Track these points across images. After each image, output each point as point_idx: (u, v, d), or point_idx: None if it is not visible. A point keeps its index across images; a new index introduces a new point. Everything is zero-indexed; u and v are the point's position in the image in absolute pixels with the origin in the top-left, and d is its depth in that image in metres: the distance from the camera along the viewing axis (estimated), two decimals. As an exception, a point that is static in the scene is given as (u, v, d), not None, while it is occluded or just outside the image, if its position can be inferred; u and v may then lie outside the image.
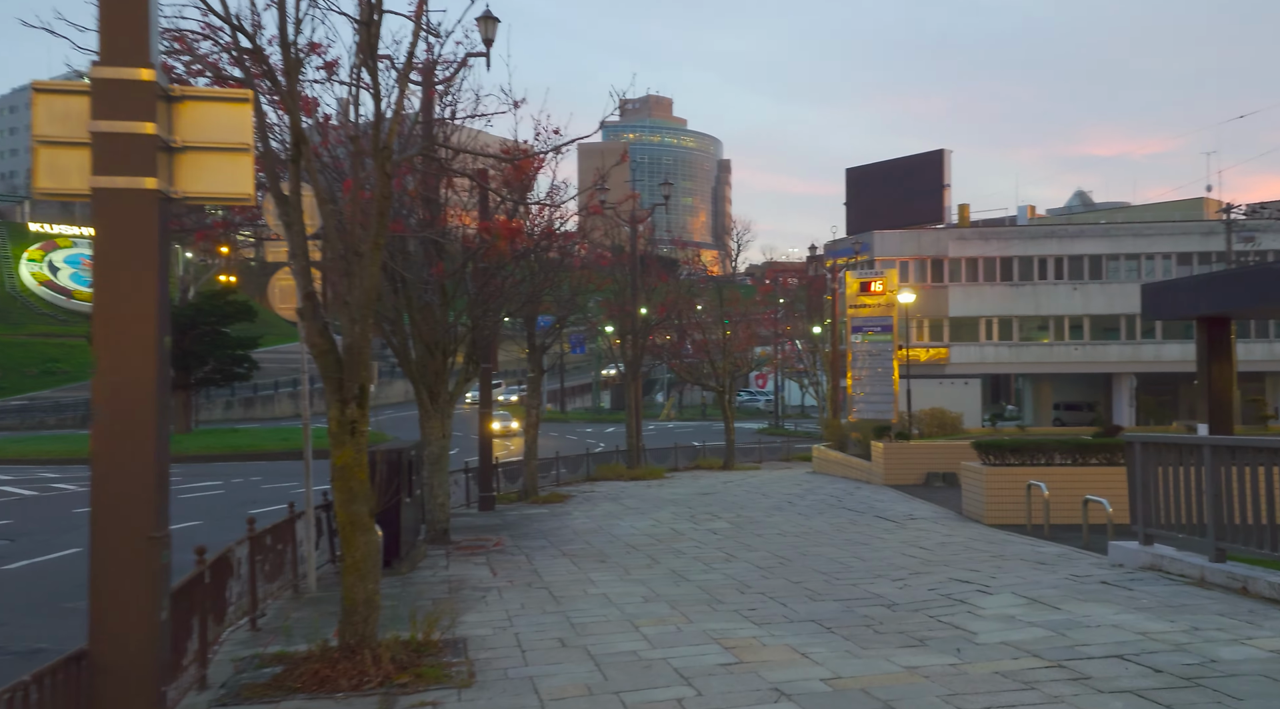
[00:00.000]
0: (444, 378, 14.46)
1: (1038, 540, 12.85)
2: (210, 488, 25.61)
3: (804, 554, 12.30)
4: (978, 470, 15.37)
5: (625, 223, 30.31)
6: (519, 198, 14.03)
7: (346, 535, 7.23)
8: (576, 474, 27.23)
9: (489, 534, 15.82)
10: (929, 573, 10.46)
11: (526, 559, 12.77)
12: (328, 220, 7.20)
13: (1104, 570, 9.88)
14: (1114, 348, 58.28)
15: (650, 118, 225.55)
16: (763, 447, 39.07)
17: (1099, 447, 15.16)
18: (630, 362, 29.60)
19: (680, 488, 23.36)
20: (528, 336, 21.79)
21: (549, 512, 19.02)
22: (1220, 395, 19.64)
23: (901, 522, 15.38)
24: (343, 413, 7.18)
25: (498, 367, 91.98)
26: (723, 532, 14.85)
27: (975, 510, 15.40)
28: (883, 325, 24.69)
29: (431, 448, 14.59)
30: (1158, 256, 58.44)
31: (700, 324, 36.10)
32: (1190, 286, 19.29)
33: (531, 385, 22.18)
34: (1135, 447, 10.15)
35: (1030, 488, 14.06)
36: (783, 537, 14.14)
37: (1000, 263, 58.51)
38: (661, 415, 72.59)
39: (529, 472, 21.82)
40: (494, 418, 41.03)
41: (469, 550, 13.82)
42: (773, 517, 16.62)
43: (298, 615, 9.22)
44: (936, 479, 20.55)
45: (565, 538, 14.92)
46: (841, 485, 21.87)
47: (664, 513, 17.75)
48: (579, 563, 12.23)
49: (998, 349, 58.95)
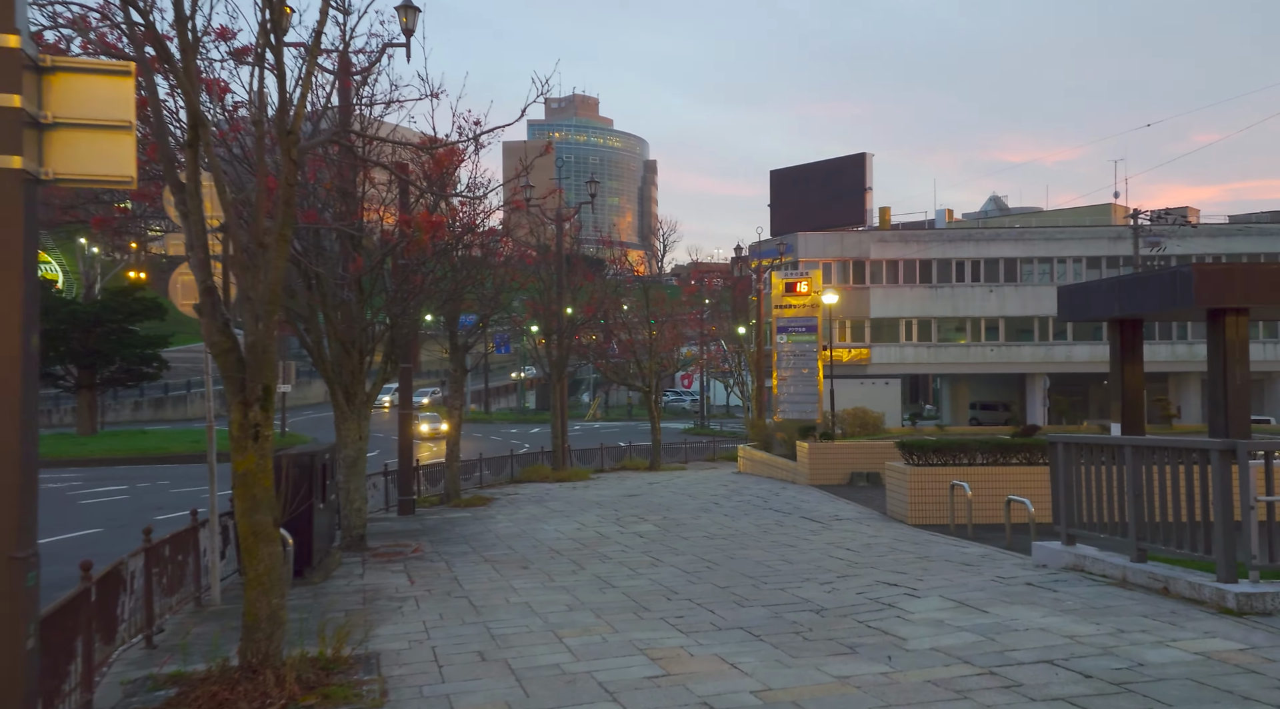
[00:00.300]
0: (360, 378, 13.94)
1: (961, 541, 12.90)
2: (114, 493, 24.48)
3: (731, 557, 12.12)
4: (901, 470, 15.42)
5: (551, 220, 29.93)
6: (440, 192, 13.57)
7: (249, 547, 6.77)
8: (500, 476, 26.76)
9: (408, 540, 15.31)
10: (856, 576, 10.36)
11: (446, 566, 12.34)
12: (228, 210, 6.73)
13: (1028, 571, 9.90)
14: (1027, 349, 59.86)
15: (576, 117, 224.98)
16: (688, 446, 39.05)
17: (1019, 446, 15.34)
18: (556, 362, 29.20)
19: (606, 490, 23.07)
20: (449, 335, 21.25)
21: (471, 515, 18.56)
22: (1132, 395, 20.13)
23: (827, 522, 15.34)
24: (245, 416, 6.73)
25: (419, 367, 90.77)
26: (649, 535, 14.61)
27: (899, 511, 15.44)
28: (807, 326, 24.76)
29: (347, 451, 14.05)
30: (1069, 260, 60.19)
31: (626, 324, 35.87)
32: (1104, 290, 19.73)
33: (454, 385, 21.65)
34: (1058, 447, 10.19)
35: (953, 488, 14.13)
36: (709, 539, 13.96)
37: (920, 265, 59.65)
38: (587, 416, 72.23)
39: (451, 474, 21.30)
40: (423, 420, 40.05)
41: (386, 557, 13.33)
42: (699, 518, 16.45)
43: (199, 631, 8.68)
44: (860, 479, 20.65)
45: (487, 543, 14.52)
46: (767, 486, 21.84)
47: (589, 516, 17.45)
48: (501, 569, 11.85)
49: (917, 350, 60.10)
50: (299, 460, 11.14)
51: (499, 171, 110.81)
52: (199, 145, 6.60)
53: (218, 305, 6.78)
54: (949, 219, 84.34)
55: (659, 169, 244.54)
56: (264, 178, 6.72)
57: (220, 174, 6.73)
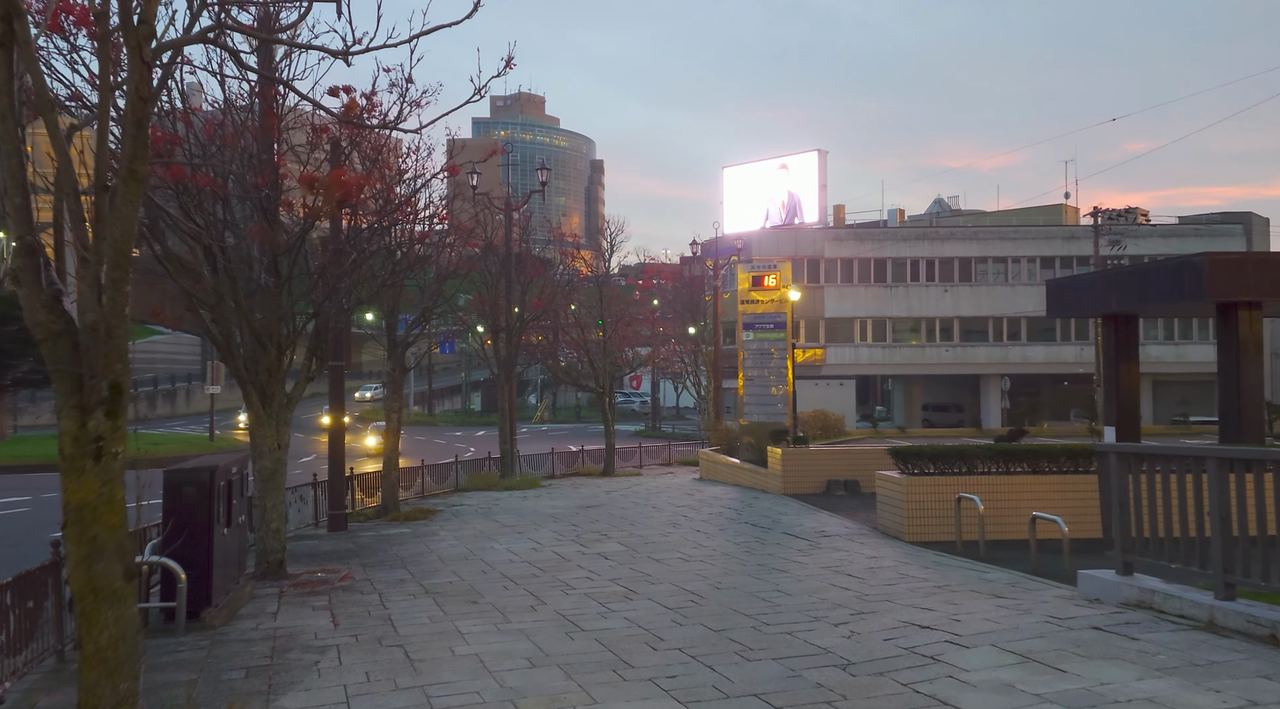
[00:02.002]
0: (279, 377, 11.90)
1: (976, 563, 11.29)
2: (14, 506, 21.97)
3: (717, 587, 10.36)
4: (895, 481, 13.82)
5: (499, 210, 27.95)
6: (373, 157, 11.64)
7: (87, 610, 4.82)
8: (444, 485, 24.69)
9: (336, 563, 13.30)
10: (874, 613, 8.66)
11: (379, 600, 10.39)
12: (58, 139, 4.78)
13: (1084, 609, 8.27)
14: (983, 350, 59.19)
15: (522, 115, 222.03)
16: (643, 450, 37.26)
17: (1025, 454, 13.82)
18: (503, 361, 27.22)
19: (560, 500, 21.19)
20: (387, 330, 19.18)
21: (411, 531, 16.56)
22: (1128, 397, 18.81)
23: (814, 540, 13.66)
24: (83, 426, 4.78)
25: (358, 367, 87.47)
26: (615, 556, 12.79)
27: (894, 526, 13.84)
28: (775, 322, 23.16)
29: (264, 461, 12.00)
30: (1023, 260, 59.67)
31: (579, 322, 34.01)
32: (1099, 283, 18.39)
33: (392, 386, 19.58)
34: (1110, 457, 8.60)
35: (960, 501, 12.55)
36: (686, 562, 12.18)
37: (875, 264, 58.69)
38: (535, 418, 70.10)
39: (388, 485, 19.24)
40: (370, 430, 37.26)
41: (309, 587, 11.33)
42: (669, 535, 14.66)
43: (49, 704, 6.67)
44: (838, 487, 19.05)
45: (429, 567, 12.57)
46: (736, 495, 20.14)
47: (545, 532, 15.57)
48: (445, 605, 9.94)
49: (872, 350, 59.14)
50: (195, 476, 9.13)
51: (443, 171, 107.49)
52: (13, 44, 4.64)
53: (44, 271, 4.83)
54: (900, 219, 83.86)
55: (605, 169, 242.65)
56: (108, 90, 4.77)
57: (43, 83, 4.76)
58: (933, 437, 40.02)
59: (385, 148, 11.83)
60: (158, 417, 66.54)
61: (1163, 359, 59.08)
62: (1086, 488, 13.40)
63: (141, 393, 67.21)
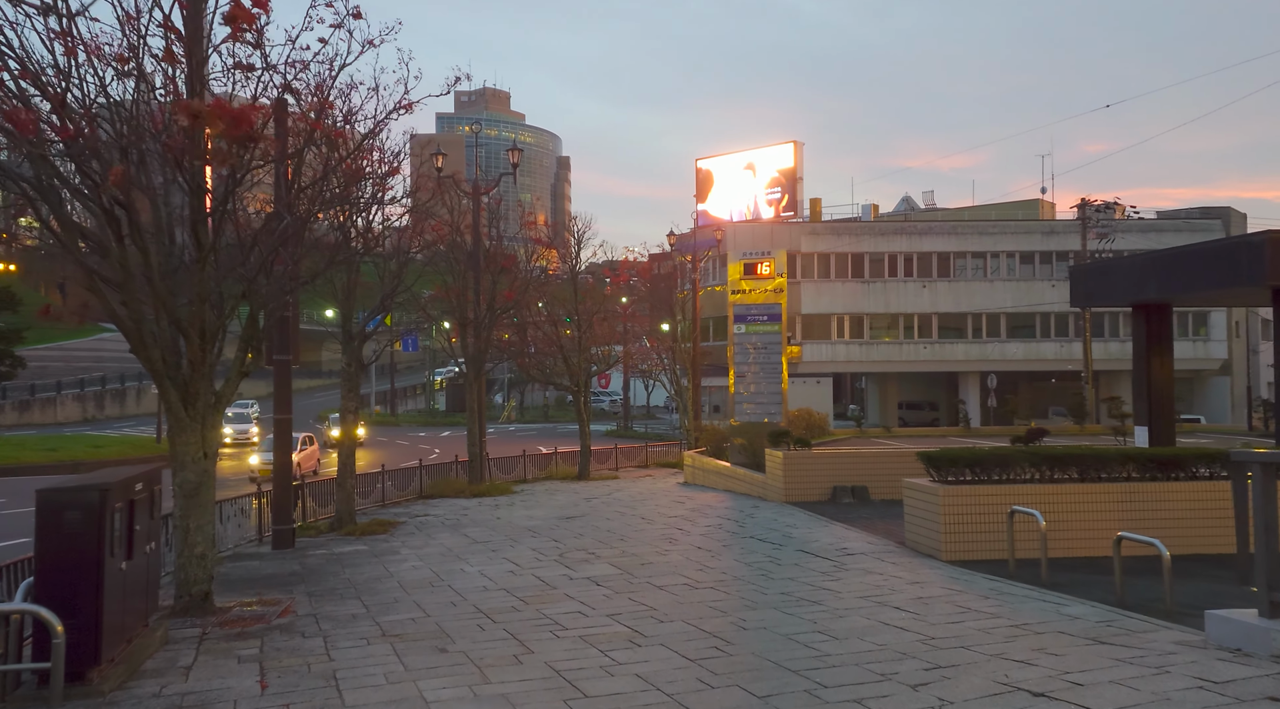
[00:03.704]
0: (204, 372, 9.83)
1: (1044, 592, 9.48)
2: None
3: (741, 626, 8.46)
4: (929, 490, 12.00)
5: (466, 193, 25.86)
6: (319, 108, 9.61)
7: None
8: (407, 491, 22.58)
9: (277, 591, 11.25)
10: (954, 667, 6.81)
11: (324, 646, 8.38)
12: None
13: (1234, 666, 6.46)
14: (960, 346, 57.97)
15: (488, 111, 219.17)
16: (618, 451, 35.32)
17: (1076, 458, 12.06)
18: (472, 356, 25.12)
19: (536, 509, 19.18)
20: (341, 320, 17.04)
21: (368, 549, 14.51)
22: (1162, 393, 17.17)
23: (837, 559, 11.81)
24: None
25: (314, 366, 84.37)
26: (609, 582, 10.85)
27: (926, 541, 12.02)
28: (769, 314, 21.31)
29: (186, 474, 9.92)
30: (1002, 255, 58.52)
31: (552, 318, 31.97)
32: (1133, 268, 16.73)
33: (347, 383, 17.44)
34: (1255, 469, 6.82)
35: (1013, 515, 10.75)
36: (694, 589, 10.27)
37: (852, 259, 57.26)
38: (502, 418, 67.86)
39: (344, 495, 17.12)
40: (328, 424, 35.00)
41: (239, 627, 9.29)
42: (667, 554, 12.74)
43: None
44: (845, 494, 17.24)
45: (387, 598, 10.56)
46: (732, 502, 18.25)
47: (523, 550, 13.59)
48: (406, 654, 7.95)
49: (849, 347, 57.74)
50: (79, 497, 7.06)
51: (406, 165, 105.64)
52: None
53: None
54: (874, 215, 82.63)
55: (572, 166, 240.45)
56: None
57: None
58: (919, 436, 38.46)
59: (331, 89, 9.83)
60: (106, 417, 63.52)
61: (1139, 356, 58.17)
62: (1152, 497, 11.70)
63: (89, 393, 64.14)
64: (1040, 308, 56.94)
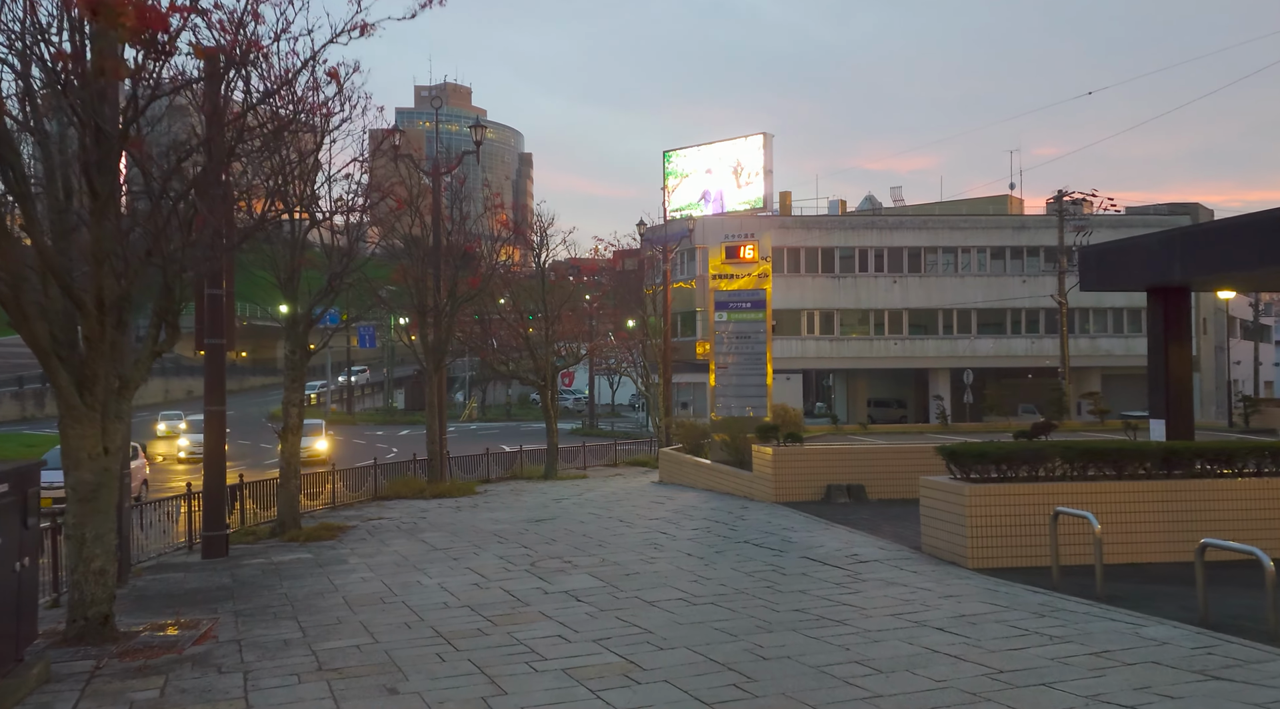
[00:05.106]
0: (103, 350, 8.12)
1: (1106, 608, 8.08)
2: None
3: (759, 655, 6.95)
4: (952, 489, 10.59)
5: (426, 174, 24.16)
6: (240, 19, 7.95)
7: None
8: (360, 492, 20.85)
9: (199, 610, 9.57)
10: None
11: (243, 685, 6.75)
12: None
13: None
14: (931, 343, 57.18)
15: (448, 106, 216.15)
16: (586, 449, 33.75)
17: (1113, 455, 10.72)
18: (432, 347, 23.41)
19: (503, 511, 17.56)
20: (285, 301, 15.26)
21: (312, 557, 12.83)
22: (1179, 384, 15.92)
23: (849, 568, 10.36)
24: None
25: (258, 359, 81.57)
26: (591, 597, 9.29)
27: (948, 547, 10.61)
28: (752, 301, 19.91)
29: (80, 473, 8.20)
30: (973, 250, 57.77)
31: (518, 307, 30.35)
32: (1155, 246, 15.48)
33: (291, 373, 15.68)
34: None
35: (1057, 517, 9.36)
36: (691, 605, 8.75)
37: (822, 254, 56.24)
38: (463, 416, 65.88)
39: (286, 496, 15.36)
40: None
41: (143, 658, 7.61)
42: (654, 562, 11.20)
43: None
44: (840, 493, 15.83)
45: (327, 618, 8.92)
46: (717, 503, 16.75)
47: (488, 558, 11.99)
48: (346, 697, 6.35)
49: (819, 343, 56.72)
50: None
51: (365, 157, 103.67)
52: None
53: None
54: (842, 211, 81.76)
55: (534, 164, 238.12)
56: None
57: None
58: (898, 433, 37.29)
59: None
60: (47, 415, 60.59)
61: (1112, 352, 57.83)
62: (1200, 495, 10.41)
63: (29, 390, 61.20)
64: (1011, 303, 56.27)
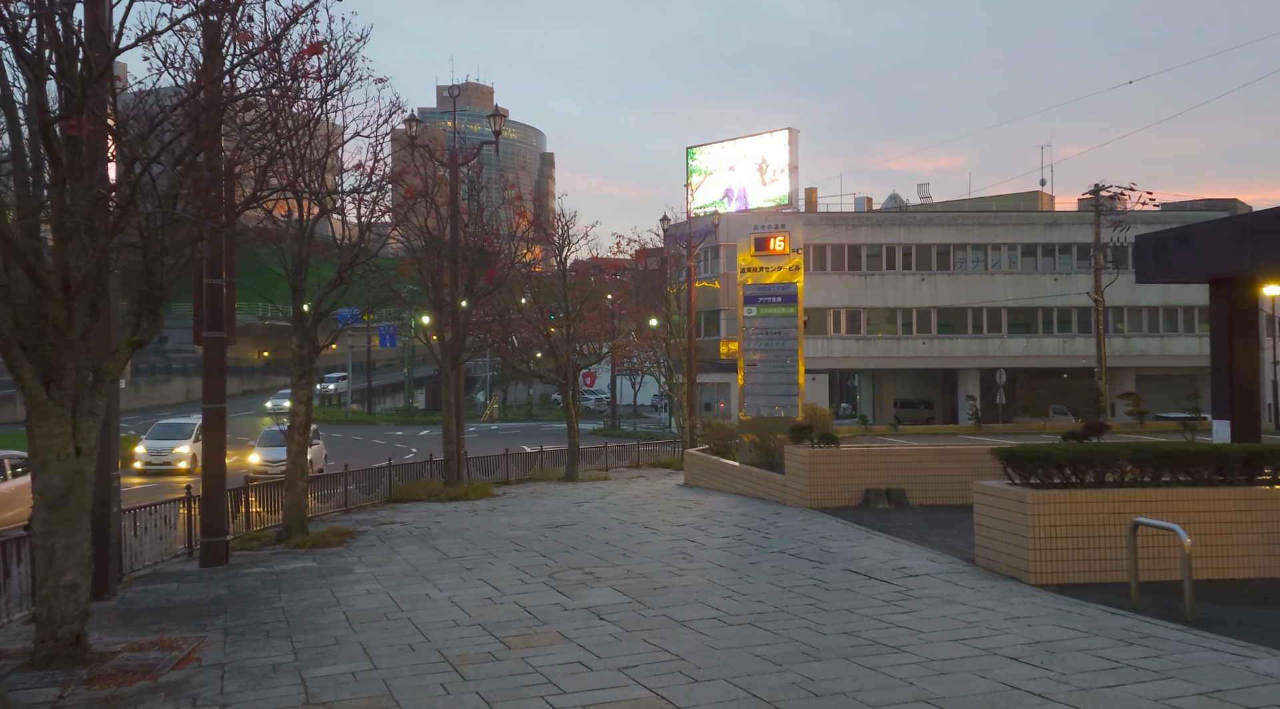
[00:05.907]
0: (71, 338, 7.30)
1: (1202, 635, 7.08)
2: None
3: (811, 690, 6.01)
4: (1012, 496, 9.60)
5: (443, 164, 23.36)
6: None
7: None
8: (373, 494, 20.04)
9: (187, 627, 8.74)
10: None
11: (218, 722, 5.89)
12: None
13: None
14: (960, 342, 55.93)
15: (470, 106, 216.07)
16: (608, 450, 32.88)
17: (1194, 457, 9.70)
18: (449, 344, 22.59)
19: (520, 515, 16.69)
20: (292, 294, 14.45)
21: (317, 566, 12.00)
22: (1246, 382, 14.81)
23: (899, 583, 9.38)
24: None
25: (277, 359, 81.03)
26: (615, 615, 8.38)
27: (1007, 560, 9.63)
28: (784, 295, 18.93)
29: (48, 476, 7.38)
30: (1004, 247, 56.48)
31: (539, 303, 29.52)
32: (1222, 233, 14.39)
33: (299, 369, 14.86)
34: None
35: (1137, 529, 8.36)
36: (726, 626, 7.82)
37: (849, 251, 55.18)
38: (484, 416, 65.18)
39: (293, 500, 14.54)
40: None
41: (112, 685, 6.78)
42: (683, 574, 10.27)
43: None
44: (879, 498, 14.84)
45: (325, 638, 8.06)
46: (747, 508, 15.80)
47: (504, 569, 11.10)
48: (330, 739, 5.47)
49: (845, 343, 55.63)
50: None
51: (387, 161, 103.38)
52: None
53: None
54: (868, 209, 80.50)
55: (555, 164, 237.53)
56: None
57: None
58: (930, 434, 36.19)
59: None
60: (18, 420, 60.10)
61: (1146, 352, 56.34)
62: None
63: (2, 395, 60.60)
64: (1043, 302, 54.91)
